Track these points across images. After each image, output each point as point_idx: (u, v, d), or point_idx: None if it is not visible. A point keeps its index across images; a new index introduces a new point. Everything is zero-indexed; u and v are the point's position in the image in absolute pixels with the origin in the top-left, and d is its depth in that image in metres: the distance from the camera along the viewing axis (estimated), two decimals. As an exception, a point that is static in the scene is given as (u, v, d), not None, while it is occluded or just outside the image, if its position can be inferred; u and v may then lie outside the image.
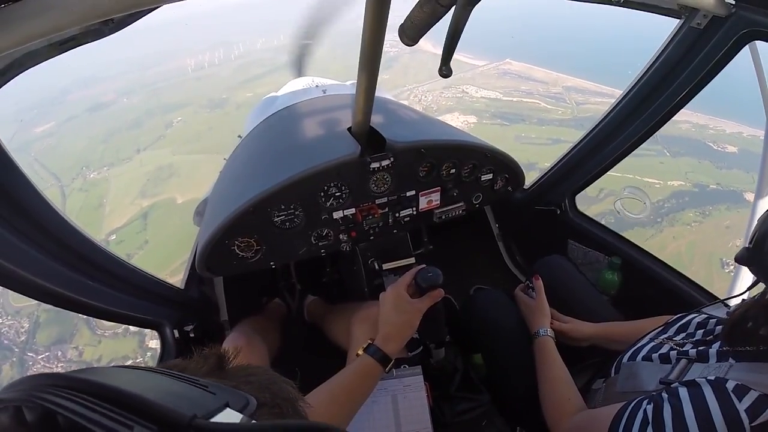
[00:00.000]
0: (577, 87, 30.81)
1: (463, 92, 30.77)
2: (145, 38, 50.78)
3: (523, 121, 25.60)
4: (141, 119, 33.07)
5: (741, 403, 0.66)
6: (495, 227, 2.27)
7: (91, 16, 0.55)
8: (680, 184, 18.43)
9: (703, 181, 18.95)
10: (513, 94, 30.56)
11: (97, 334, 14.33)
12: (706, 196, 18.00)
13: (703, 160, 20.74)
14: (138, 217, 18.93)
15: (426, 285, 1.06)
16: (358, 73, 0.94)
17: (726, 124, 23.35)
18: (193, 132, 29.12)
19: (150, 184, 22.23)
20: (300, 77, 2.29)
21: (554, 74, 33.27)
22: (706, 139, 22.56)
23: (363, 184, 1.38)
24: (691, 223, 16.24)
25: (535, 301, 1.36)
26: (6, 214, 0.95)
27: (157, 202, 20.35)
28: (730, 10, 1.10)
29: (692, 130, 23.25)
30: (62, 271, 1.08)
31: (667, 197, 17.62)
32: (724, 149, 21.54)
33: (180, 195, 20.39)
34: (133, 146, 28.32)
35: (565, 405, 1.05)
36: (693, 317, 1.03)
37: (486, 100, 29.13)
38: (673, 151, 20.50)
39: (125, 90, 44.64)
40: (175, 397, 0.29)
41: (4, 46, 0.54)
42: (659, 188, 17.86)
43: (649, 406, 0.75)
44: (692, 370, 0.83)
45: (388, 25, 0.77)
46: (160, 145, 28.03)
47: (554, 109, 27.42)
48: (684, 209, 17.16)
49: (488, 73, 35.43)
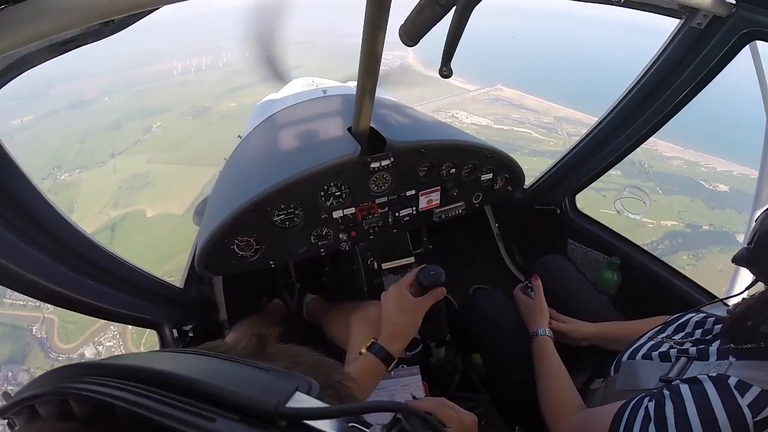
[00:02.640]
0: (568, 118, 30.66)
1: (453, 117, 30.60)
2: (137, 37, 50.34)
3: (515, 151, 25.09)
4: (120, 121, 32.53)
5: (743, 398, 0.66)
6: (495, 227, 2.27)
7: (92, 17, 0.55)
8: (673, 224, 18.39)
9: (695, 221, 18.93)
10: (504, 122, 30.39)
11: (50, 357, 14.04)
12: (699, 238, 17.94)
13: (695, 199, 20.82)
14: (105, 229, 18.48)
15: (428, 283, 1.06)
16: (359, 73, 0.94)
17: (716, 161, 23.55)
18: (171, 140, 28.50)
19: (121, 193, 21.73)
20: (288, 82, 2.25)
21: (546, 103, 33.19)
22: (697, 177, 22.68)
23: (363, 183, 1.38)
24: (685, 267, 15.80)
25: (534, 301, 1.37)
26: (6, 213, 0.95)
27: (126, 213, 19.85)
28: (730, 10, 1.10)
29: (684, 167, 23.42)
30: (62, 270, 1.08)
31: (661, 238, 17.55)
32: (716, 188, 21.69)
33: (150, 208, 19.91)
34: (108, 149, 27.80)
35: (564, 404, 1.05)
36: (691, 316, 1.03)
37: (476, 127, 28.91)
38: (665, 188, 20.57)
39: (109, 88, 44.12)
40: (244, 382, 0.27)
41: (4, 48, 0.54)
42: (652, 228, 17.73)
43: (651, 403, 0.75)
44: (692, 368, 0.83)
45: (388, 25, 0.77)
46: (136, 150, 27.54)
47: (546, 140, 27.23)
48: (677, 251, 17.05)
49: (479, 98, 35.33)
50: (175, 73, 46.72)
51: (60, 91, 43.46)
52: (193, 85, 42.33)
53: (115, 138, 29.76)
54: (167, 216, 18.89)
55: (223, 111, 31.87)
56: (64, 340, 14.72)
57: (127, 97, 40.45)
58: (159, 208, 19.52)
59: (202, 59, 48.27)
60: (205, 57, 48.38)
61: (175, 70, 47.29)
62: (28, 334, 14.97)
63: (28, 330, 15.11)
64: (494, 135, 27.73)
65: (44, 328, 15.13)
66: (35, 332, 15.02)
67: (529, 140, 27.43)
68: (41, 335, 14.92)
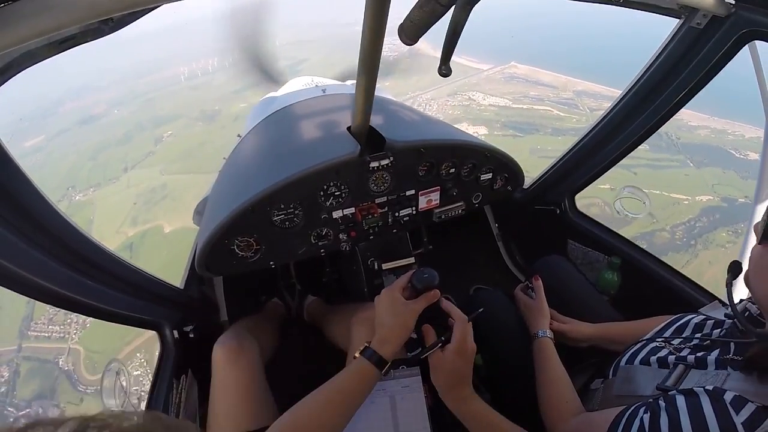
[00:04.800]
0: (587, 91, 29.71)
1: (470, 99, 29.64)
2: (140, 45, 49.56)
3: (537, 131, 24.51)
4: (131, 133, 32.21)
5: (738, 415, 0.66)
6: (494, 227, 2.27)
7: (91, 15, 0.55)
8: (709, 199, 17.93)
9: (730, 194, 18.37)
10: (523, 101, 29.37)
11: (78, 390, 13.85)
12: (736, 212, 17.34)
13: (727, 170, 20.14)
14: (123, 248, 18.19)
15: (421, 286, 1.06)
16: (358, 72, 0.94)
17: (743, 128, 22.84)
18: (183, 149, 28.06)
19: (137, 209, 21.25)
20: (275, 84, 2.21)
21: (562, 77, 32.26)
22: (726, 145, 22.03)
23: (362, 183, 1.38)
24: (726, 245, 15.49)
25: (535, 302, 1.36)
26: (6, 214, 0.94)
27: (145, 230, 19.44)
28: (729, 10, 1.10)
29: (712, 137, 22.75)
30: (62, 271, 1.08)
31: (698, 215, 17.12)
32: (747, 156, 21.00)
33: (168, 223, 19.50)
34: (121, 164, 27.48)
35: (563, 407, 1.05)
36: (691, 318, 1.03)
37: (495, 108, 27.98)
38: (696, 161, 20.05)
39: (117, 101, 43.88)
40: None
41: (3, 45, 0.54)
42: (688, 205, 17.42)
43: (646, 414, 0.75)
44: (689, 377, 0.83)
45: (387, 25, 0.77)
46: (148, 162, 27.18)
47: (568, 117, 26.24)
48: (716, 228, 16.54)
49: (494, 77, 34.36)
50: (182, 78, 46.43)
51: (69, 108, 43.19)
52: (202, 89, 41.86)
53: (127, 151, 29.46)
54: (184, 230, 18.26)
55: (234, 113, 31.32)
56: (91, 371, 14.44)
57: (136, 108, 40.07)
58: (176, 222, 19.06)
59: (208, 61, 47.94)
60: (210, 59, 48.15)
61: (182, 75, 47.01)
62: (55, 368, 14.70)
63: (54, 363, 14.85)
64: (514, 115, 26.73)
65: (71, 359, 14.86)
66: (62, 365, 14.73)
67: (550, 118, 26.39)
68: (68, 367, 14.65)
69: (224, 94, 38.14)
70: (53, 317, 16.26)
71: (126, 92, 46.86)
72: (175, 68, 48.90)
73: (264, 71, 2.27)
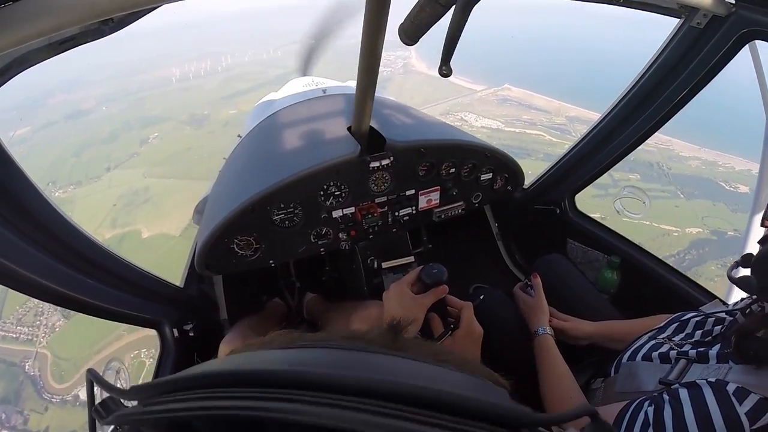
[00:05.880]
0: (580, 117, 29.64)
1: (462, 120, 29.54)
2: (137, 43, 48.93)
3: (529, 155, 24.41)
4: (117, 132, 31.71)
5: (741, 406, 0.66)
6: (494, 226, 2.27)
7: (91, 15, 0.55)
8: (698, 231, 17.93)
9: (720, 227, 18.39)
10: (515, 125, 29.33)
11: (44, 398, 13.10)
12: (725, 245, 17.38)
13: (717, 202, 20.21)
14: None
15: (431, 281, 1.06)
16: (358, 72, 0.94)
17: (734, 160, 22.94)
18: (168, 152, 27.59)
19: (117, 211, 20.82)
20: (303, 76, 2.28)
21: (555, 102, 32.15)
22: (717, 177, 22.08)
23: (363, 183, 1.38)
24: (714, 278, 15.16)
25: (534, 299, 1.36)
26: (6, 213, 0.95)
27: (122, 233, 19.02)
28: (730, 10, 1.10)
29: (702, 168, 22.77)
30: (62, 269, 1.08)
31: (687, 248, 17.14)
32: (737, 189, 21.10)
33: (146, 228, 19.13)
34: (104, 163, 26.94)
35: (567, 403, 1.05)
36: (692, 316, 1.03)
37: (487, 131, 27.91)
38: (687, 192, 20.06)
39: (107, 97, 43.30)
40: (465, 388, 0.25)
41: (3, 46, 0.54)
42: (678, 237, 17.38)
43: (650, 408, 0.75)
44: (692, 371, 0.83)
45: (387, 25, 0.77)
46: (132, 164, 26.69)
47: (560, 143, 26.16)
48: (705, 261, 16.54)
49: (487, 99, 34.31)
50: (173, 80, 46.02)
51: (59, 100, 42.60)
52: (192, 92, 41.35)
53: (111, 150, 28.92)
54: (163, 237, 18.12)
55: (223, 119, 30.89)
56: (58, 379, 13.77)
57: (125, 106, 39.56)
58: (155, 228, 18.69)
59: (201, 64, 47.64)
60: (203, 62, 47.78)
61: (173, 76, 46.61)
62: (21, 372, 14.05)
63: (21, 366, 14.20)
64: (506, 139, 26.86)
65: (37, 364, 14.21)
66: (28, 369, 14.08)
67: (542, 143, 26.45)
68: (34, 372, 13.97)
69: (214, 99, 37.77)
70: (22, 318, 15.73)
71: (117, 89, 46.34)
72: (168, 69, 48.54)
73: (309, 61, 2.42)
